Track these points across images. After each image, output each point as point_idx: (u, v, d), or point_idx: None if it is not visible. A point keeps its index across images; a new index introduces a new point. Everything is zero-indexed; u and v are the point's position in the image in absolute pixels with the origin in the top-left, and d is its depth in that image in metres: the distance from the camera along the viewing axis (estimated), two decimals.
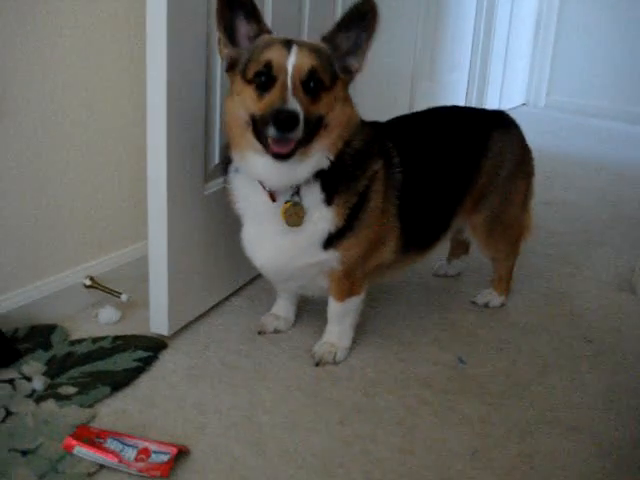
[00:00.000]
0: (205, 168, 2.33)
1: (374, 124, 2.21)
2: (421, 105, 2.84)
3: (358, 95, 2.05)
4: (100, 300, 2.49)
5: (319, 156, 1.94)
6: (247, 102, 1.88)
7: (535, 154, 2.70)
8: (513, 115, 2.70)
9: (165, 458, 1.71)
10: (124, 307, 2.46)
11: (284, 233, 2.04)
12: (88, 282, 2.45)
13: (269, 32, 1.96)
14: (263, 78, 1.84)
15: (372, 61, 2.01)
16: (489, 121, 2.59)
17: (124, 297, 2.44)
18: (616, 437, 1.98)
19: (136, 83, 2.48)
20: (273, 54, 1.84)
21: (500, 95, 7.25)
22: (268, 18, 2.45)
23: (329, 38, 1.96)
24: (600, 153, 6.00)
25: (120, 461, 1.69)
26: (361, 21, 1.92)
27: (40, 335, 2.23)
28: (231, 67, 1.97)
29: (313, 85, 1.86)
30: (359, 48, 1.96)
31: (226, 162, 2.11)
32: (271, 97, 1.82)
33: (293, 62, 1.83)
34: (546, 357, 2.40)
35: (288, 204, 1.99)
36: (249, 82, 1.87)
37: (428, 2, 5.10)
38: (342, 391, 2.11)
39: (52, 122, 2.26)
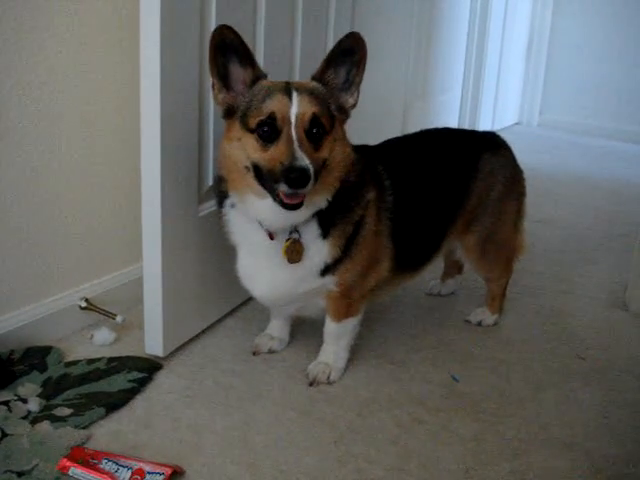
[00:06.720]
0: (199, 190, 2.35)
1: (364, 148, 2.23)
2: (414, 126, 2.86)
3: (350, 118, 2.06)
4: (95, 322, 2.51)
5: (319, 198, 1.96)
6: (249, 150, 1.87)
7: (529, 172, 2.72)
8: (506, 134, 2.74)
9: (160, 479, 1.72)
10: (119, 328, 2.47)
11: (281, 266, 2.05)
12: (83, 304, 2.46)
13: (264, 76, 1.95)
14: (266, 128, 1.83)
15: (364, 83, 2.01)
16: (479, 143, 2.61)
17: (119, 319, 2.45)
18: (610, 454, 1.99)
19: (131, 105, 2.51)
20: (276, 105, 1.83)
21: (493, 115, 7.29)
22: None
23: (319, 77, 1.96)
24: (594, 171, 6.04)
25: None
26: (349, 56, 1.93)
27: (35, 357, 2.24)
28: (228, 113, 1.96)
29: (316, 131, 1.86)
30: (352, 84, 1.97)
31: (221, 195, 2.10)
32: (278, 150, 1.81)
33: (296, 112, 1.83)
34: (539, 375, 2.41)
35: (289, 242, 2.01)
36: (251, 131, 1.87)
37: (420, 23, 5.15)
38: (336, 411, 2.12)
39: (48, 144, 2.28)
